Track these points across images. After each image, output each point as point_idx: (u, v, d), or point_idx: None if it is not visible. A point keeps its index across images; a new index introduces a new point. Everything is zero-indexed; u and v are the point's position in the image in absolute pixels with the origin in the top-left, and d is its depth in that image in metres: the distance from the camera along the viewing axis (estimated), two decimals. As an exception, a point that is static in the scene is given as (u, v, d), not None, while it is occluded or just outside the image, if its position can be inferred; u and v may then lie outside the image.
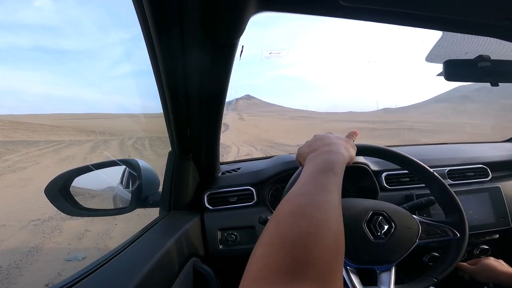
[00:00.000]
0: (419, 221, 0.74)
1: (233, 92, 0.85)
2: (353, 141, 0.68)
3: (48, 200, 0.89)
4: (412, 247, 0.70)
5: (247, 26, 0.57)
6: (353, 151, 0.62)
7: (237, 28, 0.57)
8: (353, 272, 0.68)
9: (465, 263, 0.94)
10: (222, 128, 0.96)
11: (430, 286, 0.71)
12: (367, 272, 0.70)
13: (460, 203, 0.76)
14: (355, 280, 0.67)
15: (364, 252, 0.68)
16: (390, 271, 0.69)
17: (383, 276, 0.69)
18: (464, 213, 0.75)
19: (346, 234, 0.68)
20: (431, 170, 0.78)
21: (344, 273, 0.68)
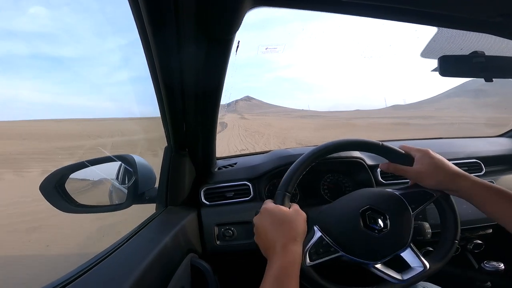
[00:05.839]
0: (400, 195, 0.75)
1: (227, 94, 0.85)
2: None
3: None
4: (412, 220, 0.72)
5: (245, 27, 0.57)
6: (301, 223, 0.66)
7: (233, 23, 0.57)
8: (383, 267, 0.68)
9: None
10: (219, 128, 0.96)
11: (455, 248, 0.74)
12: (394, 259, 0.70)
13: None
14: (390, 273, 0.68)
15: (378, 248, 0.68)
16: (411, 249, 0.70)
17: (408, 256, 0.70)
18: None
19: (354, 242, 0.68)
20: (377, 141, 0.80)
21: (375, 271, 0.68)
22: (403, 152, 0.78)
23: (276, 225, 0.64)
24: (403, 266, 0.69)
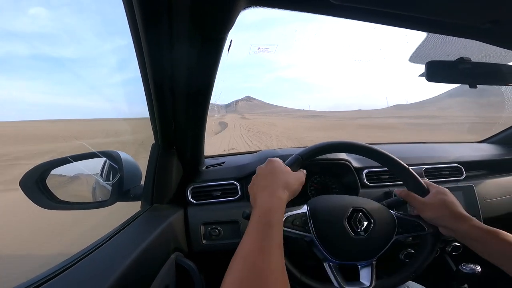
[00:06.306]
0: (396, 216, 0.76)
1: (218, 93, 0.85)
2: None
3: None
4: (390, 242, 0.72)
5: (244, 27, 0.57)
6: (296, 182, 0.68)
7: (226, 22, 0.57)
8: (335, 268, 0.69)
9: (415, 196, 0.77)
10: (219, 128, 0.95)
11: (407, 281, 0.74)
12: (349, 268, 0.71)
13: None
14: (338, 276, 0.68)
15: (345, 248, 0.70)
16: (371, 266, 0.71)
17: (364, 271, 0.71)
18: None
19: (329, 231, 0.69)
20: (405, 164, 0.81)
21: (327, 269, 0.69)
22: (424, 184, 0.78)
23: (273, 175, 0.66)
24: (353, 277, 0.71)
